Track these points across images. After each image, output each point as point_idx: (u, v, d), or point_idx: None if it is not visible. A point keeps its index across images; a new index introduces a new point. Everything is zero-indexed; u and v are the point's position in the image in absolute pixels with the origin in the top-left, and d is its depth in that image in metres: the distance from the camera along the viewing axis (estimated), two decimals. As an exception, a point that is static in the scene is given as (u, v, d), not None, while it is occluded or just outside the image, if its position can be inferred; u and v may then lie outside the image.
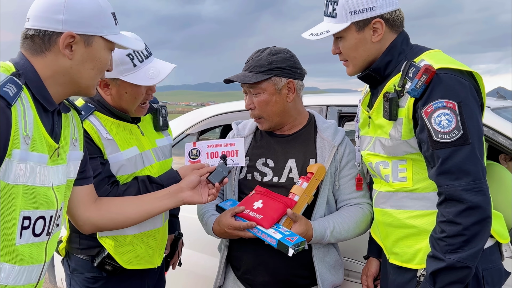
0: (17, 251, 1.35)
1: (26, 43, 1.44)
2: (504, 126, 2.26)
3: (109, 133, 2.02)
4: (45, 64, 1.43)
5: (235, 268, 2.23)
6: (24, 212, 1.34)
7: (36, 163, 1.36)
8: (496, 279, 1.78)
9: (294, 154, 2.15)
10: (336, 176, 2.13)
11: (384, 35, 1.80)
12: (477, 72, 1.71)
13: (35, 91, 1.41)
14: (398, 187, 1.83)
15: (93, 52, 1.48)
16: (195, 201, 1.92)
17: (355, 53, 1.84)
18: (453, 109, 1.60)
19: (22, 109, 1.32)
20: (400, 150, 1.78)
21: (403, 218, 1.84)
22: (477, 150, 1.62)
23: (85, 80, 1.50)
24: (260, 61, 2.08)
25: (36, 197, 1.38)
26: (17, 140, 1.29)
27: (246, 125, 2.33)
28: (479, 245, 1.60)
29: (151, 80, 1.97)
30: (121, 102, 2.04)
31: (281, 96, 2.09)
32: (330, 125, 2.20)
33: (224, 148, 2.09)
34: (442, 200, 1.64)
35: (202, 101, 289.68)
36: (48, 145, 1.42)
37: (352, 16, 1.77)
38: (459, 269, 1.61)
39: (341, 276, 2.19)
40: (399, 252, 1.89)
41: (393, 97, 1.72)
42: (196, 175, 1.93)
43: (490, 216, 1.61)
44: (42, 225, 1.41)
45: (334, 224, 2.05)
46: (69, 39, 1.42)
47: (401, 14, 1.83)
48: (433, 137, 1.62)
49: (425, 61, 1.69)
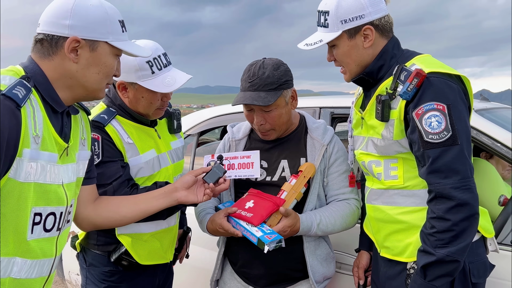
0: (29, 246, 1.40)
1: (36, 47, 1.50)
2: (486, 126, 2.33)
3: (130, 138, 2.09)
4: (52, 67, 1.48)
5: (232, 262, 2.31)
6: (35, 209, 1.40)
7: (47, 161, 1.41)
8: (481, 271, 1.84)
9: (286, 155, 2.22)
10: (325, 173, 2.20)
11: (375, 40, 1.85)
12: (465, 76, 1.77)
13: (44, 93, 1.45)
14: (389, 184, 1.89)
15: (98, 57, 1.52)
16: (190, 200, 1.95)
17: (349, 59, 1.89)
18: (443, 111, 1.66)
19: (31, 111, 1.37)
20: (392, 149, 1.84)
21: (394, 214, 1.90)
22: (465, 150, 1.67)
23: (91, 84, 1.54)
24: (268, 79, 2.08)
25: (46, 194, 1.43)
26: (27, 140, 1.34)
27: (241, 128, 2.38)
28: (467, 240, 1.66)
29: (166, 88, 2.04)
30: (138, 106, 2.11)
31: (288, 106, 2.16)
32: (320, 125, 2.27)
33: (241, 160, 2.13)
34: (432, 197, 1.70)
35: (203, 104, 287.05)
36: (58, 144, 1.47)
37: (343, 25, 1.83)
38: (448, 262, 1.66)
39: (332, 269, 2.26)
40: (390, 246, 1.94)
41: (385, 100, 1.77)
42: (191, 175, 1.96)
43: (478, 213, 1.67)
44: (52, 221, 1.46)
45: (321, 217, 2.12)
46: (74, 44, 1.47)
47: (390, 20, 1.88)
48: (424, 138, 1.68)
49: (416, 66, 1.75)
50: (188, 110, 67.54)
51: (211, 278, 2.32)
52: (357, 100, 2.06)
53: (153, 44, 2.08)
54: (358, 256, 2.33)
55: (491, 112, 2.67)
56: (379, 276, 2.07)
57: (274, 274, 2.19)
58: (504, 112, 2.90)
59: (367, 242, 2.25)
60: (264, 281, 2.20)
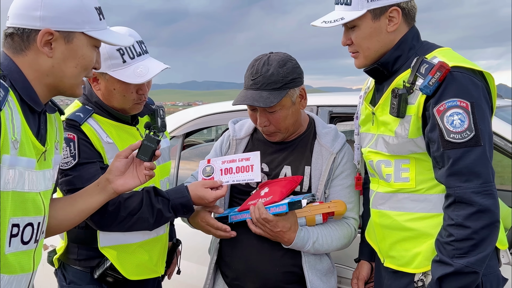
0: (7, 260, 1.33)
1: (6, 42, 1.43)
2: (500, 126, 2.30)
3: (109, 137, 1.99)
4: (27, 64, 1.41)
5: (224, 274, 2.19)
6: (13, 219, 1.33)
7: (25, 167, 1.35)
8: (494, 285, 1.78)
9: (290, 161, 2.12)
10: (328, 184, 2.09)
11: (399, 26, 1.78)
12: (489, 73, 1.72)
13: (22, 92, 1.39)
14: (399, 187, 1.82)
15: (74, 49, 1.45)
16: (130, 186, 1.77)
17: (369, 43, 1.81)
18: (466, 109, 1.61)
19: (9, 113, 1.30)
20: (405, 148, 1.77)
21: (402, 220, 1.83)
22: (488, 152, 1.63)
23: (68, 79, 1.47)
24: (272, 77, 1.97)
25: (24, 203, 1.37)
26: (6, 145, 1.27)
27: (243, 126, 2.26)
28: (487, 250, 1.61)
29: (138, 78, 1.92)
30: (112, 99, 2.02)
31: (296, 106, 2.04)
32: (330, 131, 2.15)
33: (239, 163, 2.03)
34: (451, 202, 1.64)
35: (189, 101, 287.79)
36: (36, 149, 1.41)
37: (368, 3, 1.75)
38: (466, 274, 1.61)
39: (333, 284, 2.15)
40: (396, 256, 1.88)
41: (402, 94, 1.71)
42: (119, 158, 1.77)
43: (499, 220, 1.63)
44: (30, 232, 1.40)
45: (318, 235, 2.03)
46: (47, 37, 1.40)
47: (415, 5, 1.82)
48: (444, 136, 1.62)
49: (438, 58, 1.69)
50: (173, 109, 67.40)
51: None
52: (366, 95, 2.00)
53: (126, 30, 1.98)
54: (358, 267, 2.24)
55: (504, 110, 2.65)
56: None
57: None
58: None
59: (368, 251, 2.17)
60: None
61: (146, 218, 1.92)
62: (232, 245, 2.10)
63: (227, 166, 2.05)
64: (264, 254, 2.03)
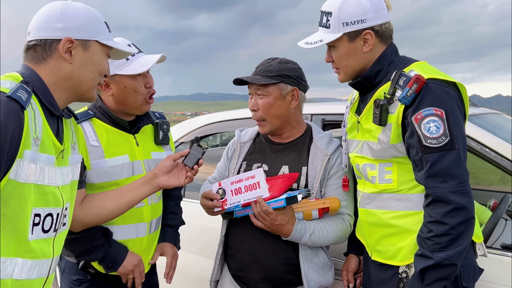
0: (30, 246, 1.43)
1: (29, 54, 1.55)
2: (475, 132, 2.37)
3: (98, 140, 2.09)
4: (48, 71, 1.53)
5: (229, 267, 2.30)
6: (35, 210, 1.43)
7: (45, 163, 1.46)
8: (471, 275, 1.87)
9: (288, 161, 2.23)
10: (323, 183, 2.19)
11: (374, 46, 1.87)
12: (462, 84, 1.80)
13: (43, 97, 1.50)
14: (383, 188, 1.91)
15: (91, 56, 1.59)
16: (171, 184, 1.96)
17: (346, 61, 1.91)
18: (441, 117, 1.69)
19: (32, 113, 1.42)
20: (388, 153, 1.86)
21: (386, 218, 1.92)
22: (462, 155, 1.71)
23: (86, 83, 1.60)
24: (270, 67, 2.17)
25: (45, 195, 1.46)
26: (28, 141, 1.38)
27: (248, 132, 2.41)
28: (464, 244, 1.69)
29: (142, 67, 2.09)
30: (125, 100, 2.13)
31: (285, 102, 2.18)
32: (325, 136, 2.28)
33: (246, 181, 2.12)
34: (430, 201, 1.72)
35: (196, 111, 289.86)
36: (55, 147, 1.52)
37: (344, 27, 1.85)
38: (446, 266, 1.69)
39: (330, 277, 2.23)
40: (381, 250, 1.97)
41: (383, 104, 1.79)
42: (169, 160, 1.97)
43: (474, 217, 1.70)
44: (50, 221, 1.50)
45: (315, 227, 2.12)
46: (68, 44, 1.53)
47: (390, 27, 1.91)
48: (422, 142, 1.70)
49: (415, 71, 1.77)
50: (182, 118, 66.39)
51: (210, 278, 2.34)
52: (352, 105, 2.08)
53: (119, 38, 2.12)
54: (347, 260, 2.34)
55: (479, 117, 2.73)
56: (370, 280, 2.08)
57: (272, 279, 2.18)
58: (493, 117, 2.96)
59: (356, 246, 2.28)
60: (263, 286, 2.19)
61: (81, 243, 2.03)
62: (237, 238, 2.23)
63: (236, 186, 2.13)
64: (266, 246, 2.15)
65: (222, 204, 2.15)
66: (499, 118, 3.05)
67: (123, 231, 2.15)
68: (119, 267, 2.09)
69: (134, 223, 2.16)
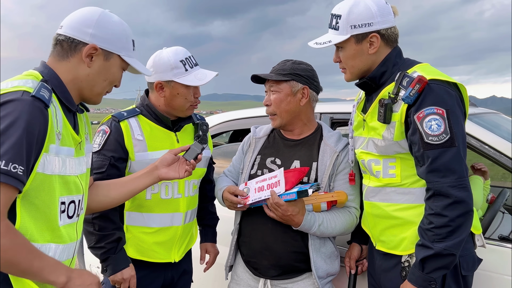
0: (60, 232, 1.54)
1: (56, 49, 1.63)
2: (475, 130, 2.44)
3: (142, 134, 2.23)
4: (67, 69, 1.61)
5: (242, 253, 2.41)
6: (61, 198, 1.54)
7: (66, 155, 1.56)
8: (470, 265, 1.94)
9: (299, 156, 2.34)
10: (332, 178, 2.29)
11: (379, 48, 1.95)
12: (462, 84, 1.87)
13: (60, 95, 1.59)
14: (387, 182, 1.98)
15: (109, 67, 1.67)
16: (171, 176, 2.05)
17: (353, 62, 1.99)
18: (442, 115, 1.75)
19: (54, 110, 1.50)
20: (391, 149, 1.93)
21: (390, 210, 1.99)
22: (462, 151, 1.77)
23: (96, 88, 1.68)
24: (284, 66, 2.32)
25: (68, 184, 1.57)
26: (52, 136, 1.47)
27: (262, 129, 2.53)
28: (462, 235, 1.76)
29: (199, 81, 2.26)
30: (174, 103, 2.30)
31: (295, 99, 2.30)
32: (334, 134, 2.38)
33: (269, 180, 2.24)
34: (431, 195, 1.79)
35: (211, 110, 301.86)
36: (74, 139, 1.62)
37: (352, 30, 1.93)
38: (445, 256, 1.75)
39: (336, 266, 2.35)
40: (385, 240, 2.04)
41: (387, 103, 1.87)
42: (170, 153, 2.07)
43: (472, 210, 1.77)
44: (73, 208, 1.61)
45: (323, 219, 2.21)
46: (92, 50, 1.61)
47: (396, 31, 1.98)
48: (424, 139, 1.77)
49: (418, 73, 1.84)
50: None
51: (225, 263, 2.47)
52: (358, 104, 2.16)
53: (182, 49, 2.28)
54: (350, 248, 2.45)
55: (478, 117, 2.79)
56: (375, 269, 2.16)
57: (282, 265, 2.27)
58: (491, 116, 3.03)
59: (359, 235, 2.38)
60: (273, 272, 2.29)
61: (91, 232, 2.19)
62: (250, 227, 2.35)
63: (259, 185, 2.24)
64: (278, 235, 2.26)
65: (245, 201, 2.25)
66: (497, 118, 3.12)
67: (160, 219, 2.31)
68: (112, 275, 2.21)
69: (171, 212, 2.31)
